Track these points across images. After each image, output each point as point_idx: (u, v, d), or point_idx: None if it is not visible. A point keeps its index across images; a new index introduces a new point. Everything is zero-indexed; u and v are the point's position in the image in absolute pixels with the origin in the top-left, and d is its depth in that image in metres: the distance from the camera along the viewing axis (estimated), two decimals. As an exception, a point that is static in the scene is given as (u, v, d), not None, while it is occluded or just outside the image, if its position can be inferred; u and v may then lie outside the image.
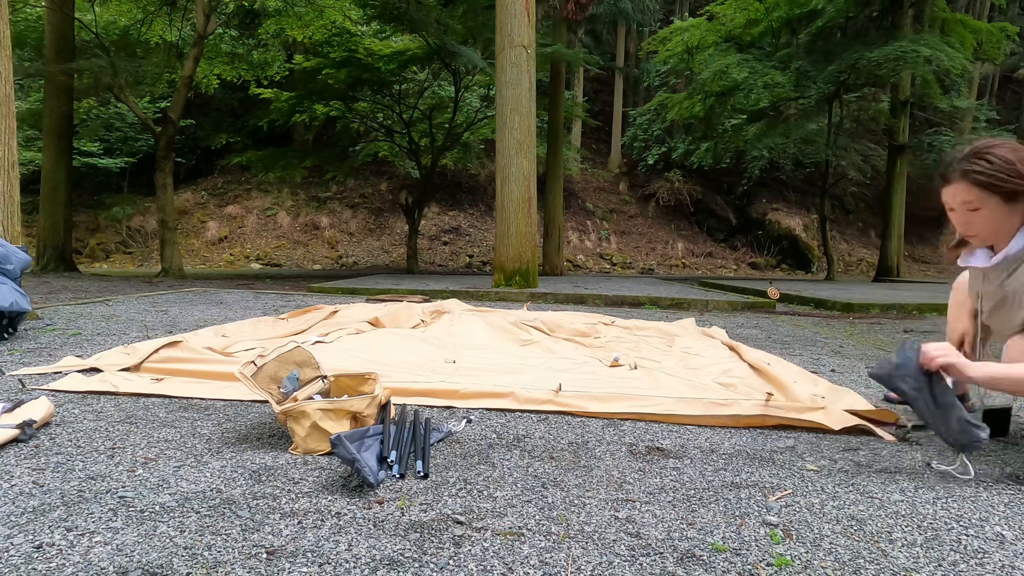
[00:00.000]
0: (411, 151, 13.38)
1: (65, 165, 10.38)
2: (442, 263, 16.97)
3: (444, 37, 10.39)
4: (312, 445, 1.54)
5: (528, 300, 6.09)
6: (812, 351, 3.46)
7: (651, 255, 19.32)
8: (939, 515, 1.29)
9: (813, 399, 2.05)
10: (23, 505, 1.21)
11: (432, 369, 2.48)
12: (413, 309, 4.03)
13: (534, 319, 3.81)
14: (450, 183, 19.14)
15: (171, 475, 1.39)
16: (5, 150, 3.88)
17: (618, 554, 1.09)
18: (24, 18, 11.12)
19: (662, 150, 20.63)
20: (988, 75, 22.11)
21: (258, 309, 4.77)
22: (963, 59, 11.02)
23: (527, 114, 7.19)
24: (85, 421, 1.77)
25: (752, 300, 6.30)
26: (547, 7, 13.24)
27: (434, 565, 1.03)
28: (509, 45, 7.11)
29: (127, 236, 16.43)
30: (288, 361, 1.77)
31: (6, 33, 3.90)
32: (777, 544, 1.14)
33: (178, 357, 2.40)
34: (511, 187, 7.20)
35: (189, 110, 14.78)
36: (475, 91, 13.58)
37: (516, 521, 1.20)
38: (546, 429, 1.84)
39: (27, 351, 2.77)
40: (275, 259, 16.43)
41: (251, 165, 14.60)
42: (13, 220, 3.93)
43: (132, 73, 10.58)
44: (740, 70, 12.03)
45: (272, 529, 1.14)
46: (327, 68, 11.40)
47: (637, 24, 22.24)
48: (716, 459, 1.61)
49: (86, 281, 8.02)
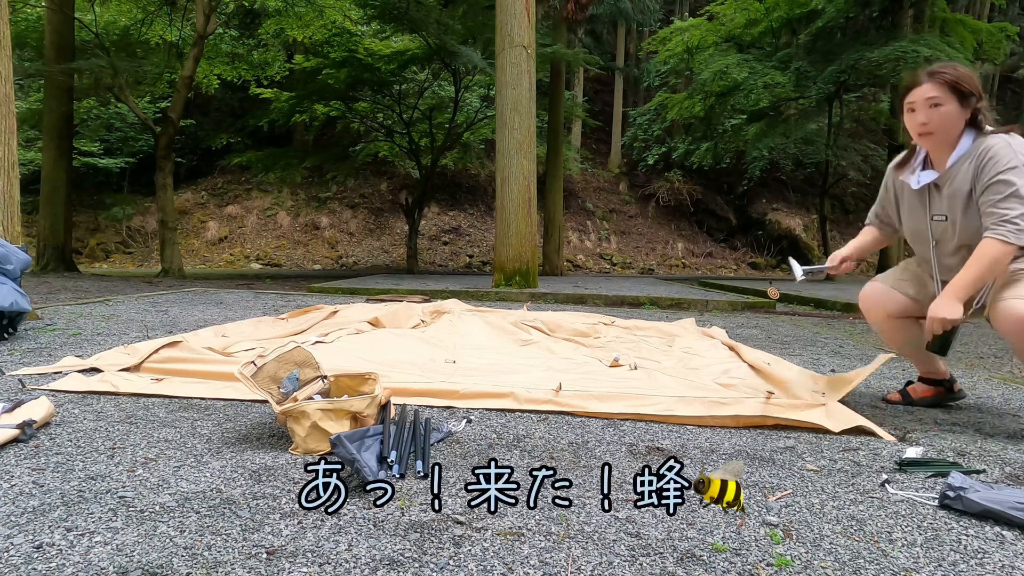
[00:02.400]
0: (411, 151, 13.39)
1: (65, 165, 10.38)
2: (442, 263, 16.97)
3: (444, 37, 10.39)
4: (312, 445, 1.54)
5: (528, 300, 6.09)
6: (812, 351, 3.46)
7: (651, 255, 19.32)
8: (939, 515, 1.29)
9: (814, 396, 2.05)
10: (23, 505, 1.20)
11: (432, 369, 2.47)
12: (413, 309, 4.03)
13: (534, 319, 3.81)
14: (450, 183, 19.14)
15: (171, 475, 1.39)
16: (5, 150, 3.88)
17: (618, 554, 1.09)
18: (24, 18, 11.11)
19: (662, 150, 20.63)
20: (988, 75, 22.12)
21: (258, 309, 4.77)
22: (963, 59, 11.02)
23: (527, 114, 7.19)
24: (85, 421, 1.77)
25: (752, 300, 6.30)
26: (547, 7, 13.24)
27: (434, 565, 1.03)
28: (509, 45, 7.12)
29: (127, 236, 16.43)
30: (288, 361, 1.77)
31: (6, 33, 3.90)
32: (777, 544, 1.14)
33: (178, 357, 2.40)
34: (511, 187, 7.21)
35: (189, 110, 14.78)
36: (475, 91, 13.58)
37: (516, 521, 1.20)
38: (546, 429, 1.84)
39: (27, 351, 2.77)
40: (275, 259, 16.44)
41: (251, 165, 14.61)
42: (13, 220, 3.93)
43: (132, 73, 10.58)
44: (740, 70, 12.04)
45: (272, 529, 1.14)
46: (327, 68, 11.41)
47: (637, 24, 22.24)
48: (716, 459, 1.61)
49: (86, 281, 8.02)
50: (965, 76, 1.88)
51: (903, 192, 2.12)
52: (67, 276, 9.07)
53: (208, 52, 12.19)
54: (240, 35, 14.13)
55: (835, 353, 3.41)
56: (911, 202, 2.09)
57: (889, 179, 2.17)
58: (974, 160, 1.87)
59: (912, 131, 1.96)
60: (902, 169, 2.09)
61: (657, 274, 17.29)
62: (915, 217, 2.08)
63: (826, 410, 1.95)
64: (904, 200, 2.12)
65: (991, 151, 1.83)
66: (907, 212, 2.12)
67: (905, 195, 2.11)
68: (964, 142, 1.90)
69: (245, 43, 14.05)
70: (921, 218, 2.06)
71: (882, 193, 2.22)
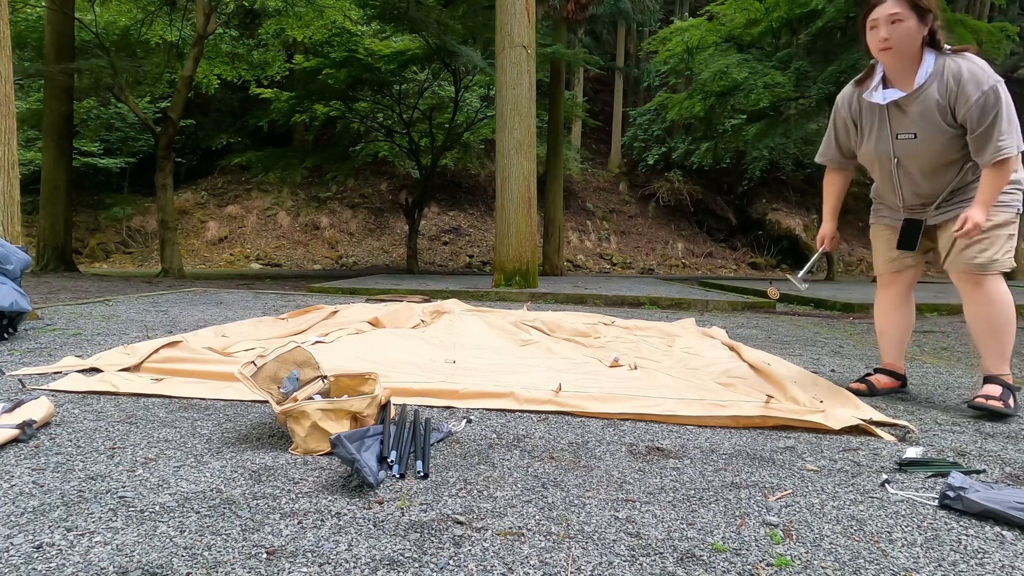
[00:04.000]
0: (411, 151, 13.38)
1: (65, 165, 10.38)
2: (442, 263, 16.97)
3: (444, 37, 10.38)
4: (312, 445, 1.54)
5: (528, 300, 6.09)
6: (812, 351, 3.46)
7: (651, 255, 19.31)
8: (939, 515, 1.29)
9: (812, 402, 2.05)
10: (23, 505, 1.21)
11: (432, 369, 2.47)
12: (413, 309, 4.03)
13: (534, 319, 3.81)
14: (450, 183, 19.13)
15: (171, 475, 1.39)
16: (5, 150, 3.88)
17: (618, 554, 1.09)
18: (24, 18, 11.11)
19: (662, 150, 20.62)
20: (988, 75, 22.07)
21: (258, 309, 4.77)
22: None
23: (527, 114, 7.19)
24: (85, 421, 1.77)
25: (752, 300, 6.30)
26: (547, 7, 13.23)
27: (434, 565, 1.03)
28: (509, 45, 7.11)
29: (127, 236, 16.43)
30: (288, 361, 1.77)
31: (6, 33, 3.90)
32: (777, 544, 1.14)
33: (178, 357, 2.40)
34: (511, 187, 7.20)
35: (189, 110, 14.78)
36: (475, 91, 13.58)
37: (516, 521, 1.20)
38: (546, 429, 1.84)
39: (27, 351, 2.77)
40: (275, 259, 16.43)
41: (251, 165, 14.59)
42: (13, 220, 3.93)
43: (132, 73, 10.57)
44: (740, 70, 12.03)
45: (272, 529, 1.14)
46: (327, 68, 11.40)
47: (637, 24, 22.23)
48: (716, 459, 1.61)
49: (86, 281, 8.02)
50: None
51: (862, 113, 2.18)
52: (67, 276, 9.06)
53: (208, 52, 12.19)
54: (240, 35, 14.12)
55: (835, 353, 3.41)
56: (871, 121, 2.16)
57: (844, 105, 2.24)
58: (944, 79, 1.96)
59: (873, 48, 2.03)
60: (861, 86, 2.16)
61: (657, 274, 17.29)
62: (877, 136, 2.15)
63: (825, 412, 1.95)
64: (864, 121, 2.19)
65: (964, 73, 1.93)
66: (867, 132, 2.18)
67: (864, 115, 2.18)
68: (927, 60, 1.99)
69: (245, 43, 14.04)
70: (884, 137, 2.13)
71: (836, 125, 2.29)
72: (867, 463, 1.60)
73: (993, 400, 2.07)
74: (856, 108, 2.20)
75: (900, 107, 2.06)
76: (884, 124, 2.12)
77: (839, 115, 2.26)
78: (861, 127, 2.21)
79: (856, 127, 2.23)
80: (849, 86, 2.23)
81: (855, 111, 2.21)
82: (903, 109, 2.06)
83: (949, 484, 1.33)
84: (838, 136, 2.30)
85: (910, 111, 2.04)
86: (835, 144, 2.32)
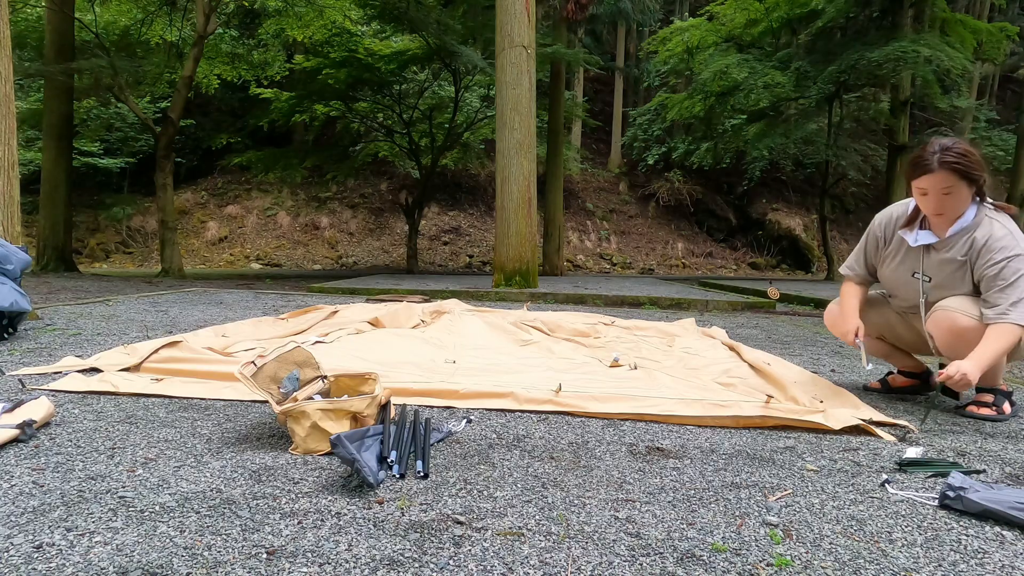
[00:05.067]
0: (411, 151, 13.39)
1: (65, 165, 10.38)
2: (442, 263, 16.97)
3: (444, 37, 10.39)
4: (312, 445, 1.54)
5: (528, 300, 6.09)
6: (812, 351, 3.46)
7: (651, 255, 19.31)
8: (939, 515, 1.29)
9: (812, 402, 2.05)
10: (23, 505, 1.20)
11: (432, 369, 2.47)
12: (413, 309, 4.03)
13: (534, 319, 3.81)
14: (450, 183, 19.14)
15: (171, 475, 1.39)
16: (5, 150, 3.88)
17: (618, 554, 1.09)
18: (24, 18, 11.11)
19: (662, 150, 20.63)
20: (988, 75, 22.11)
21: (258, 309, 4.77)
22: (963, 59, 11.01)
23: (527, 114, 7.19)
24: (85, 421, 1.77)
25: (752, 300, 6.30)
26: (547, 7, 13.24)
27: (434, 565, 1.03)
28: (509, 45, 7.11)
29: (127, 236, 16.43)
30: (288, 361, 1.77)
31: (6, 33, 3.90)
32: (777, 544, 1.14)
33: (178, 357, 2.40)
34: (511, 187, 7.20)
35: (189, 110, 14.78)
36: (475, 91, 13.58)
37: (516, 521, 1.20)
38: (546, 429, 1.84)
39: (27, 351, 2.77)
40: (275, 259, 16.44)
41: (251, 165, 14.60)
42: (13, 220, 3.93)
43: (132, 73, 10.58)
44: (740, 70, 12.03)
45: (272, 529, 1.14)
46: (327, 68, 11.40)
47: (637, 24, 22.24)
48: (716, 459, 1.61)
49: (86, 281, 8.02)
50: (974, 161, 1.94)
51: (893, 239, 2.22)
52: (67, 276, 9.07)
53: (208, 52, 12.19)
54: (240, 35, 14.12)
55: (835, 353, 3.41)
56: (897, 249, 2.20)
57: (880, 226, 2.26)
58: (974, 238, 2.00)
59: (926, 211, 2.05)
60: (906, 227, 2.16)
61: (657, 274, 17.29)
62: (899, 265, 2.20)
63: (825, 413, 1.95)
64: (892, 246, 2.22)
65: (993, 237, 1.96)
66: (892, 257, 2.22)
67: (894, 241, 2.21)
68: (967, 214, 2.01)
69: (245, 43, 14.04)
70: (904, 271, 2.19)
71: (867, 242, 2.31)
72: (867, 463, 1.60)
73: (985, 408, 2.11)
74: (890, 232, 2.23)
75: (929, 249, 2.11)
76: (906, 260, 2.18)
77: (873, 232, 2.28)
78: (888, 249, 2.24)
79: (886, 245, 2.25)
80: (892, 213, 2.23)
81: (888, 233, 2.24)
82: (930, 252, 2.11)
83: (949, 484, 1.33)
84: (867, 253, 2.32)
85: (934, 256, 2.09)
86: (864, 260, 2.33)
